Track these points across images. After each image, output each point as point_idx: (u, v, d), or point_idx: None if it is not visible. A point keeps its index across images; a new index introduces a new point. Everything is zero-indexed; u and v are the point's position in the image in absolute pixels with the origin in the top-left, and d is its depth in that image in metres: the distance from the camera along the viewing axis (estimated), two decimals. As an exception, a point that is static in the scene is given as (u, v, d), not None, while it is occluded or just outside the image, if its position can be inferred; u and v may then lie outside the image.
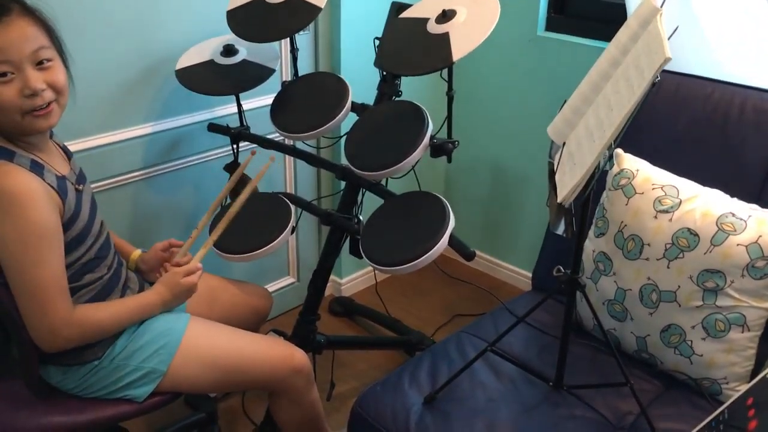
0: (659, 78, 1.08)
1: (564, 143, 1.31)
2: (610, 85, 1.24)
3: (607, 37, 2.24)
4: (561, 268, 1.43)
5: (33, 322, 1.29)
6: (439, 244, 1.52)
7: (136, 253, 1.65)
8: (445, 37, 1.53)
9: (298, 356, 1.61)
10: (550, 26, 2.42)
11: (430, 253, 1.51)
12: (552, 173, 1.32)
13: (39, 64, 1.27)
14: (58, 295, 1.30)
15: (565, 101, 1.41)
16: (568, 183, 1.20)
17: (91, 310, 1.37)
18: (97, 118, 1.89)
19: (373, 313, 2.54)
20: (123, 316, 1.42)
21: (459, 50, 1.49)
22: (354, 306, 2.60)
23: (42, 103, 1.27)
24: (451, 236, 1.55)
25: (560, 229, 1.23)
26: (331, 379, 2.13)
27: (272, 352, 1.59)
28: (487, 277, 2.88)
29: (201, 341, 1.52)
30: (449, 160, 1.70)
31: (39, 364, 1.42)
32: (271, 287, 2.54)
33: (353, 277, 2.74)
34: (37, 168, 1.30)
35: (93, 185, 1.89)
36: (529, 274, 2.73)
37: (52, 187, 1.30)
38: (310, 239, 2.60)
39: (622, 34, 1.29)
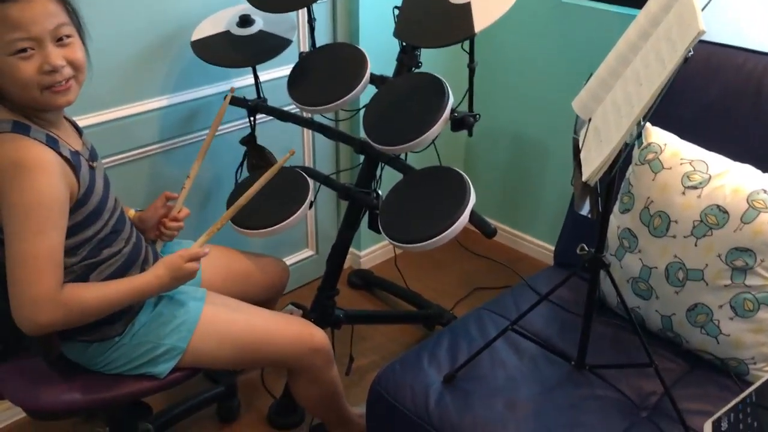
0: (692, 52, 1.03)
1: (590, 119, 1.26)
2: (639, 59, 1.19)
3: (634, 3, 2.19)
4: (585, 246, 1.39)
5: (17, 292, 1.23)
6: (459, 221, 1.49)
7: (131, 212, 1.63)
8: (466, 8, 1.48)
9: (318, 335, 1.61)
10: (574, -8, 2.35)
11: (449, 230, 1.48)
12: (577, 150, 1.27)
13: (59, 41, 1.25)
14: (50, 269, 1.24)
15: (591, 74, 1.36)
16: (594, 161, 1.16)
17: (79, 289, 1.31)
18: (113, 91, 1.87)
19: (392, 286, 2.52)
20: (113, 298, 1.34)
21: (481, 21, 1.44)
22: (373, 279, 2.58)
23: (61, 80, 1.26)
24: (472, 213, 1.52)
25: (585, 210, 1.19)
26: (350, 353, 2.12)
27: (290, 330, 1.59)
28: (508, 249, 2.85)
29: (220, 318, 1.52)
30: (470, 134, 1.65)
31: (60, 340, 1.42)
32: (290, 260, 2.53)
33: (372, 250, 2.72)
34: (52, 142, 1.29)
35: (109, 159, 1.89)
36: (551, 247, 2.70)
37: (68, 159, 1.29)
38: (329, 211, 2.57)
39: (653, 4, 1.23)
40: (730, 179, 1.47)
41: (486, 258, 2.75)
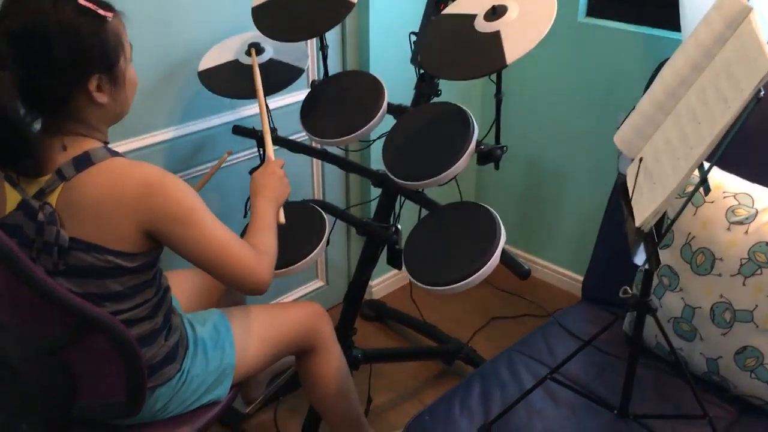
0: (763, 91, 0.95)
1: (641, 158, 1.17)
2: (694, 94, 1.10)
3: (656, 22, 2.12)
4: (628, 289, 1.30)
5: (239, 273, 1.28)
6: (490, 262, 1.40)
7: None
8: (496, 36, 1.39)
9: (315, 305, 1.67)
10: (592, 11, 2.27)
11: (480, 272, 1.39)
12: (625, 191, 1.19)
13: None
14: (237, 238, 1.30)
15: (634, 107, 1.27)
16: (648, 205, 1.07)
17: (253, 239, 1.36)
18: (117, 125, 1.77)
19: (406, 318, 2.43)
20: (270, 223, 1.42)
21: (513, 51, 1.35)
22: (386, 310, 2.48)
23: None
24: (504, 253, 1.43)
25: (640, 259, 1.10)
26: (368, 393, 2.02)
27: (297, 305, 1.71)
28: (523, 274, 2.75)
29: (244, 324, 1.53)
30: (497, 167, 1.57)
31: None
32: (300, 291, 2.44)
33: (384, 279, 2.62)
34: None
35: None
36: (567, 272, 2.63)
37: None
38: (339, 241, 2.48)
39: (703, 34, 1.15)
40: (779, 214, 1.38)
41: (503, 286, 2.64)
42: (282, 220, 1.49)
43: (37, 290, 1.11)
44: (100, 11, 1.17)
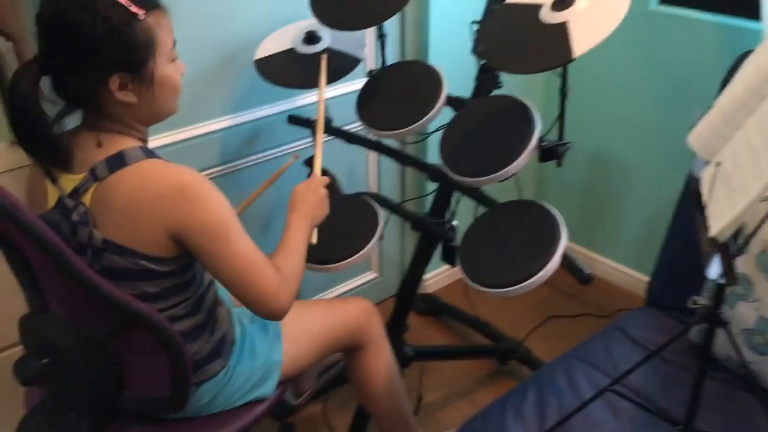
0: None
1: (718, 162, 1.09)
2: (781, 94, 1.01)
3: (734, 10, 1.99)
4: (697, 300, 1.21)
5: (258, 294, 1.21)
6: (549, 265, 1.35)
7: None
8: (562, 28, 1.32)
9: (365, 302, 1.64)
10: (666, -1, 2.16)
11: (538, 275, 1.36)
12: (698, 195, 1.10)
13: None
14: (264, 259, 1.23)
15: (711, 105, 1.18)
16: (725, 213, 0.99)
17: (280, 260, 1.30)
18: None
19: (460, 313, 2.38)
20: (300, 246, 1.35)
21: (581, 44, 1.27)
22: (439, 305, 2.44)
23: None
24: (565, 256, 1.37)
25: (714, 272, 1.02)
26: (419, 391, 1.99)
27: (348, 300, 1.65)
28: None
29: (293, 320, 1.46)
30: (559, 165, 1.50)
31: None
32: (353, 283, 2.41)
33: (438, 272, 2.57)
34: None
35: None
36: (630, 271, 2.53)
37: None
38: (394, 234, 2.44)
39: (792, 27, 1.05)
40: None
41: (561, 284, 2.55)
42: (314, 240, 1.43)
43: (82, 284, 1.10)
44: (133, 8, 1.11)
